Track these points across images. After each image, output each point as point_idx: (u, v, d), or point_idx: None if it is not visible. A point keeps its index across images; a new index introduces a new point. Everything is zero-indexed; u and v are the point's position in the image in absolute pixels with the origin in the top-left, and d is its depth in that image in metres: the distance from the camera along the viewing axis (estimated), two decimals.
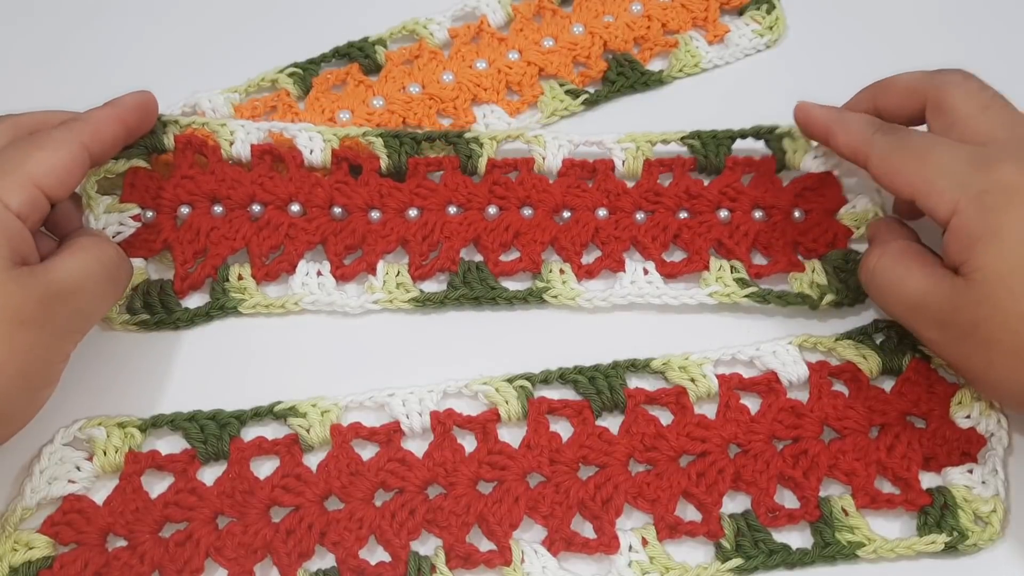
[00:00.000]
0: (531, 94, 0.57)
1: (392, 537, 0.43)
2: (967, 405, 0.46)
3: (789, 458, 0.45)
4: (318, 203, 0.51)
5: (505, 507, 0.44)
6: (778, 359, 0.47)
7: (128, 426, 0.45)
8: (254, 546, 0.43)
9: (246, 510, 0.43)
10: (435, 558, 0.43)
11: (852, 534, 0.44)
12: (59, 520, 0.43)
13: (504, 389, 0.46)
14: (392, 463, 0.44)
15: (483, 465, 0.45)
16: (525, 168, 0.53)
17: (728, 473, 0.45)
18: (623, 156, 0.53)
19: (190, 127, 0.52)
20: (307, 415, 0.46)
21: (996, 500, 0.44)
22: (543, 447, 0.45)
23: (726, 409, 0.46)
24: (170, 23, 0.61)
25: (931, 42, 0.60)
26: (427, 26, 0.59)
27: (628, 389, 0.46)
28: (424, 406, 0.46)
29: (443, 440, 0.45)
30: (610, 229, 0.51)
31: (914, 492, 0.45)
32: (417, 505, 0.44)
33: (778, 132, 0.53)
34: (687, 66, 0.58)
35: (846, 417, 0.46)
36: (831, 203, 0.52)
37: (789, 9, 0.61)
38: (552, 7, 0.60)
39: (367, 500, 0.44)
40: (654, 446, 0.45)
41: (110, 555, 0.43)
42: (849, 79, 0.58)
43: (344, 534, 0.43)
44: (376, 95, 0.57)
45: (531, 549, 0.43)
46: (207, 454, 0.45)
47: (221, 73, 0.57)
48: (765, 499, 0.44)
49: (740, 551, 0.43)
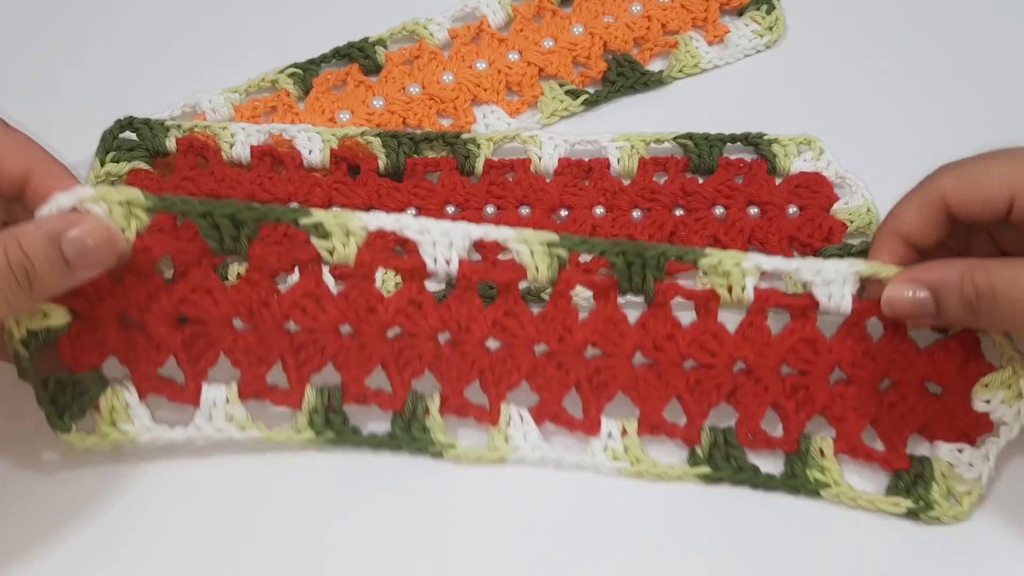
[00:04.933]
0: (531, 94, 0.57)
1: (395, 374, 0.44)
2: (992, 389, 0.43)
3: (788, 388, 0.45)
4: (317, 203, 0.51)
5: (506, 369, 0.45)
6: (827, 291, 0.44)
7: (134, 205, 0.41)
8: (267, 357, 0.44)
9: (261, 321, 0.44)
10: (431, 401, 0.44)
11: (822, 474, 0.44)
12: (74, 289, 0.41)
13: (539, 254, 0.44)
14: (410, 306, 0.44)
15: (496, 325, 0.44)
16: (522, 168, 0.53)
17: (725, 389, 0.45)
18: (618, 155, 0.53)
19: (192, 130, 0.53)
20: (332, 236, 0.43)
21: (976, 484, 0.44)
22: (557, 323, 0.45)
23: (747, 327, 0.45)
24: (170, 23, 0.61)
25: (931, 42, 0.60)
26: (427, 26, 0.59)
27: (660, 284, 0.44)
28: (454, 252, 0.44)
29: (464, 293, 0.44)
30: (607, 227, 0.51)
31: (895, 454, 0.44)
32: (425, 350, 0.44)
33: (767, 138, 0.54)
34: (687, 66, 0.59)
35: (861, 365, 0.45)
36: (824, 200, 0.52)
37: (789, 9, 0.60)
38: (552, 7, 0.60)
39: (379, 335, 0.44)
40: (663, 347, 0.45)
41: (125, 334, 0.43)
42: (849, 79, 0.59)
43: (352, 361, 0.44)
44: (376, 95, 0.57)
45: (518, 415, 0.45)
46: (221, 251, 0.43)
47: (221, 73, 0.57)
48: (750, 421, 0.45)
49: (711, 461, 0.44)
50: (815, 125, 0.55)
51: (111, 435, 0.43)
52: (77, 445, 0.43)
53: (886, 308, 0.43)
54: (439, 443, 0.44)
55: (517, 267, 0.44)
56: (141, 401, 0.43)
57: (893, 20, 0.61)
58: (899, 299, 0.43)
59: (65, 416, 0.42)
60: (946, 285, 0.42)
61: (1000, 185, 0.42)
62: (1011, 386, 0.43)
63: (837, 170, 0.53)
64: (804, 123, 0.55)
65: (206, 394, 0.44)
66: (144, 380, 0.43)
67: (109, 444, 0.43)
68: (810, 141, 0.54)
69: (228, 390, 0.44)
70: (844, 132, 0.54)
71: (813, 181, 0.52)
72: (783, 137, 0.54)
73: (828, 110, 0.57)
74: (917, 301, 0.42)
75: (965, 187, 0.43)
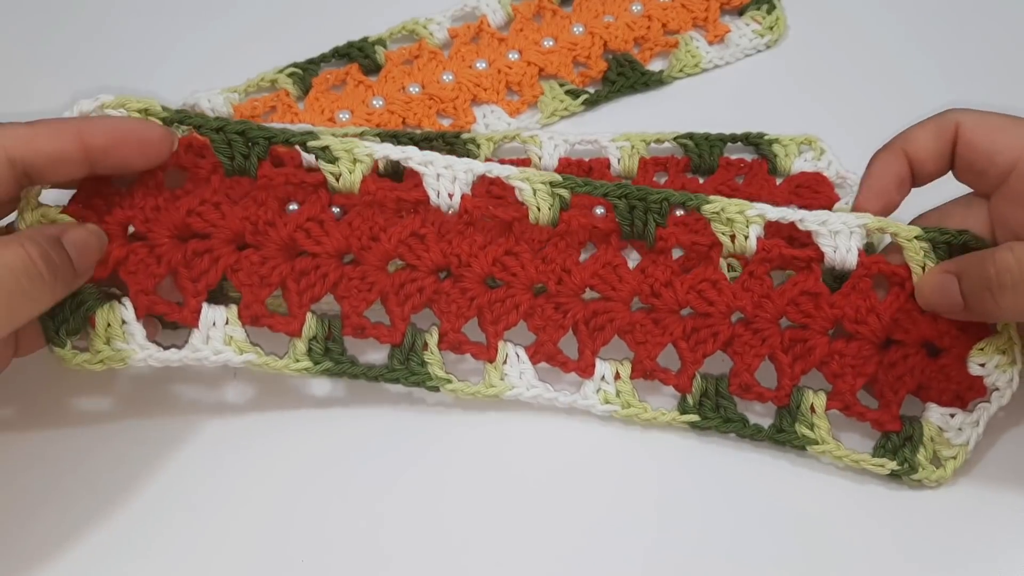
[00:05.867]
0: (531, 94, 0.57)
1: (396, 307, 0.44)
2: (988, 354, 0.44)
3: (787, 341, 0.45)
4: (316, 203, 0.51)
5: (505, 309, 0.45)
6: (832, 243, 0.44)
7: (151, 114, 0.43)
8: (270, 279, 0.43)
9: (265, 242, 0.44)
10: (429, 336, 0.44)
11: (810, 431, 0.44)
12: (83, 201, 0.42)
13: (541, 192, 0.45)
14: (413, 238, 0.44)
15: (496, 263, 0.45)
16: None
17: (721, 338, 0.45)
18: (619, 155, 0.53)
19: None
20: (339, 161, 0.44)
21: (962, 449, 0.44)
22: (556, 264, 0.45)
23: (748, 277, 0.45)
24: (170, 23, 0.61)
25: (931, 42, 0.60)
26: (427, 26, 0.59)
27: (662, 230, 0.45)
28: (457, 186, 0.44)
29: (465, 228, 0.45)
30: None
31: (888, 415, 0.44)
32: (426, 285, 0.44)
33: (768, 138, 0.54)
34: (687, 66, 0.58)
35: (864, 322, 0.44)
36: (825, 199, 0.52)
37: (789, 9, 0.60)
38: (552, 7, 0.60)
39: (381, 267, 0.44)
40: (660, 293, 0.45)
41: (129, 248, 0.43)
42: (849, 79, 0.59)
43: (353, 291, 0.44)
44: (376, 95, 0.57)
45: (515, 353, 0.45)
46: (232, 169, 0.44)
47: (221, 73, 0.57)
48: (744, 372, 0.45)
49: (700, 409, 0.45)
50: (816, 125, 0.55)
51: (104, 352, 0.42)
52: (69, 361, 0.42)
53: (919, 298, 0.44)
54: (436, 377, 0.44)
55: (519, 205, 0.45)
56: (138, 320, 0.43)
57: (893, 20, 0.61)
58: (925, 284, 0.44)
59: (61, 330, 0.42)
60: (969, 265, 0.42)
61: (1011, 143, 0.43)
62: (1006, 351, 0.44)
63: (838, 170, 0.53)
64: (805, 123, 0.55)
65: (206, 314, 0.43)
66: (142, 295, 0.43)
67: (101, 362, 0.43)
68: (811, 141, 0.54)
69: (228, 312, 0.43)
70: (845, 132, 0.54)
71: (814, 181, 0.52)
72: (784, 137, 0.54)
73: (828, 110, 0.57)
74: (942, 283, 0.43)
75: (980, 129, 0.44)
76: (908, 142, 0.45)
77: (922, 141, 0.45)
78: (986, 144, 0.43)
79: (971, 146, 0.44)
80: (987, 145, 0.43)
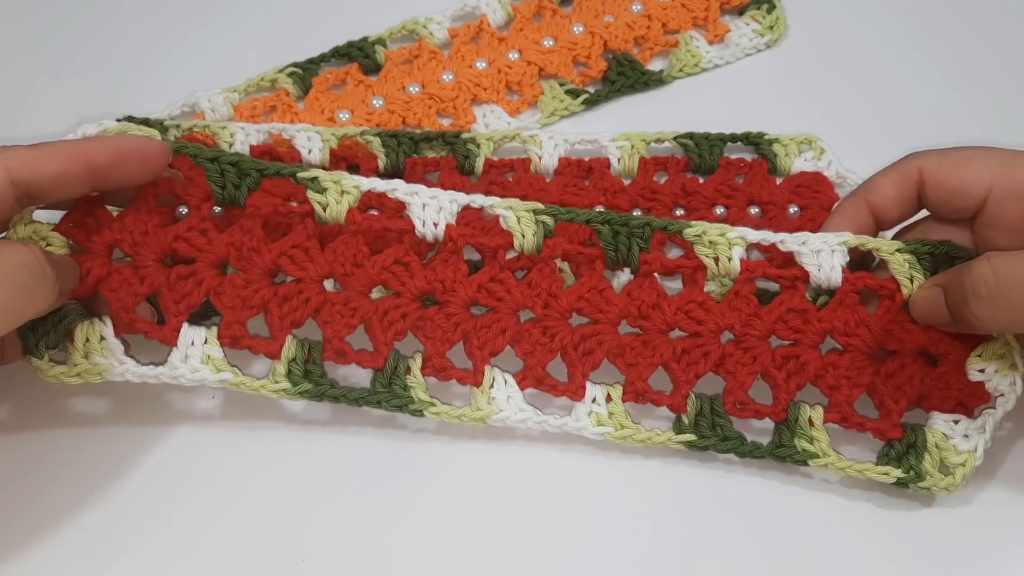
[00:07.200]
0: (531, 94, 0.57)
1: (379, 332, 0.44)
2: (986, 359, 0.44)
3: (779, 359, 0.45)
4: None
5: (491, 334, 0.45)
6: (816, 261, 0.45)
7: None
8: (251, 301, 0.44)
9: (250, 267, 0.44)
10: (413, 361, 0.44)
11: (810, 444, 0.44)
12: (74, 221, 0.43)
13: (525, 220, 0.45)
14: (397, 266, 0.45)
15: (481, 290, 0.45)
16: (522, 168, 0.53)
17: (712, 358, 0.45)
18: (619, 154, 0.53)
19: (191, 130, 0.53)
20: (327, 192, 0.45)
21: (970, 455, 0.43)
22: (542, 289, 0.45)
23: (734, 297, 0.45)
24: (170, 23, 0.61)
25: (931, 42, 0.60)
26: (427, 26, 0.59)
27: (646, 255, 0.45)
28: (443, 216, 0.45)
29: (450, 257, 0.45)
30: None
31: (889, 423, 0.44)
32: (410, 311, 0.44)
33: (768, 138, 0.54)
34: (687, 66, 0.58)
35: (855, 334, 0.44)
36: (825, 199, 0.52)
37: (789, 9, 0.60)
38: (552, 7, 0.60)
39: (364, 293, 0.45)
40: (648, 315, 0.45)
41: (113, 267, 0.43)
42: (849, 79, 0.59)
43: (336, 317, 0.44)
44: (376, 95, 0.57)
45: (502, 378, 0.45)
46: (223, 199, 0.44)
47: (221, 73, 0.57)
48: (738, 391, 0.44)
49: (696, 428, 0.44)
50: (815, 125, 0.55)
51: (81, 366, 0.43)
52: (45, 372, 0.43)
53: (913, 313, 0.44)
54: (419, 400, 0.44)
55: (503, 233, 0.45)
56: (117, 337, 0.43)
57: (893, 20, 0.61)
58: (915, 299, 0.44)
59: (41, 343, 0.42)
60: (952, 278, 0.42)
61: (979, 175, 0.43)
62: (1004, 356, 0.44)
63: (838, 170, 0.53)
64: (804, 123, 0.55)
65: (185, 334, 0.44)
66: (123, 312, 0.43)
67: (77, 375, 0.43)
68: (811, 141, 0.54)
69: (208, 332, 0.44)
70: (844, 132, 0.54)
71: (814, 181, 0.52)
72: (784, 137, 0.54)
73: (828, 110, 0.57)
74: (929, 297, 0.43)
75: (945, 169, 0.44)
76: (870, 191, 0.45)
77: (883, 190, 0.45)
78: (954, 181, 0.43)
79: (941, 186, 0.44)
80: (956, 182, 0.43)
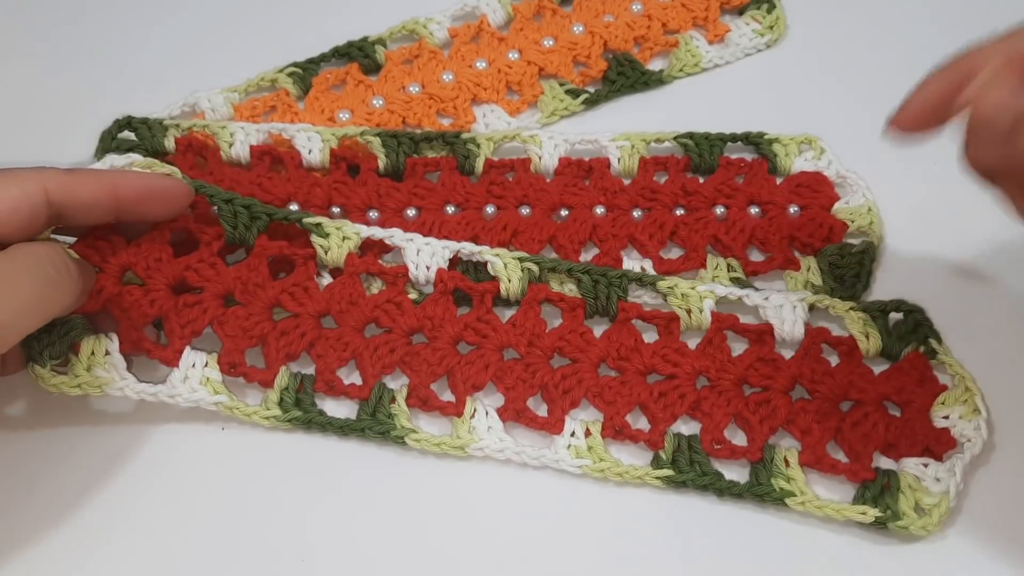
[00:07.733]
0: (531, 94, 0.57)
1: (368, 366, 0.46)
2: (949, 406, 0.45)
3: (752, 403, 0.46)
4: (316, 203, 0.51)
5: (474, 370, 0.46)
6: (779, 315, 0.47)
7: None
8: (252, 332, 0.46)
9: (253, 300, 0.47)
10: (398, 392, 0.46)
11: (787, 483, 0.44)
12: (89, 243, 0.45)
13: (512, 266, 0.48)
14: (389, 304, 0.47)
15: (468, 328, 0.47)
16: (522, 168, 0.53)
17: (688, 400, 0.46)
18: (619, 154, 0.53)
19: (191, 129, 0.53)
20: (330, 236, 0.48)
21: (943, 497, 0.43)
22: (526, 329, 0.47)
23: (707, 344, 0.47)
24: (170, 23, 0.61)
25: (931, 42, 0.60)
26: (427, 25, 0.59)
27: (624, 303, 0.48)
28: (435, 260, 0.48)
29: (440, 297, 0.48)
30: (607, 227, 0.51)
31: (860, 465, 0.44)
32: (399, 346, 0.47)
33: (768, 138, 0.54)
34: (687, 66, 0.58)
35: (821, 382, 0.46)
36: (825, 199, 0.52)
37: (789, 9, 0.60)
38: (552, 7, 0.60)
39: (358, 329, 0.47)
40: (627, 357, 0.47)
41: (124, 288, 0.46)
42: (849, 79, 0.58)
43: (329, 351, 0.47)
44: (376, 95, 0.57)
45: (483, 409, 0.46)
46: (233, 238, 0.47)
47: (221, 73, 0.57)
48: (714, 431, 0.45)
49: (674, 464, 0.45)
50: (816, 124, 0.54)
51: (82, 378, 0.44)
52: (47, 381, 0.43)
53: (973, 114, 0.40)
54: (402, 427, 0.45)
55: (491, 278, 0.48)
56: (120, 354, 0.45)
57: (893, 19, 0.61)
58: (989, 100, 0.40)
59: (45, 352, 0.43)
60: None
61: None
62: (966, 401, 0.45)
63: (838, 169, 0.53)
64: (805, 122, 0.55)
65: (186, 356, 0.45)
66: (130, 331, 0.45)
67: (78, 387, 0.44)
68: (811, 140, 0.54)
69: (209, 357, 0.46)
70: (845, 132, 0.54)
71: (814, 181, 0.52)
72: (784, 136, 0.54)
73: (828, 109, 0.57)
74: None
75: None
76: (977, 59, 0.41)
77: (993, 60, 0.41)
78: None
79: None
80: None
